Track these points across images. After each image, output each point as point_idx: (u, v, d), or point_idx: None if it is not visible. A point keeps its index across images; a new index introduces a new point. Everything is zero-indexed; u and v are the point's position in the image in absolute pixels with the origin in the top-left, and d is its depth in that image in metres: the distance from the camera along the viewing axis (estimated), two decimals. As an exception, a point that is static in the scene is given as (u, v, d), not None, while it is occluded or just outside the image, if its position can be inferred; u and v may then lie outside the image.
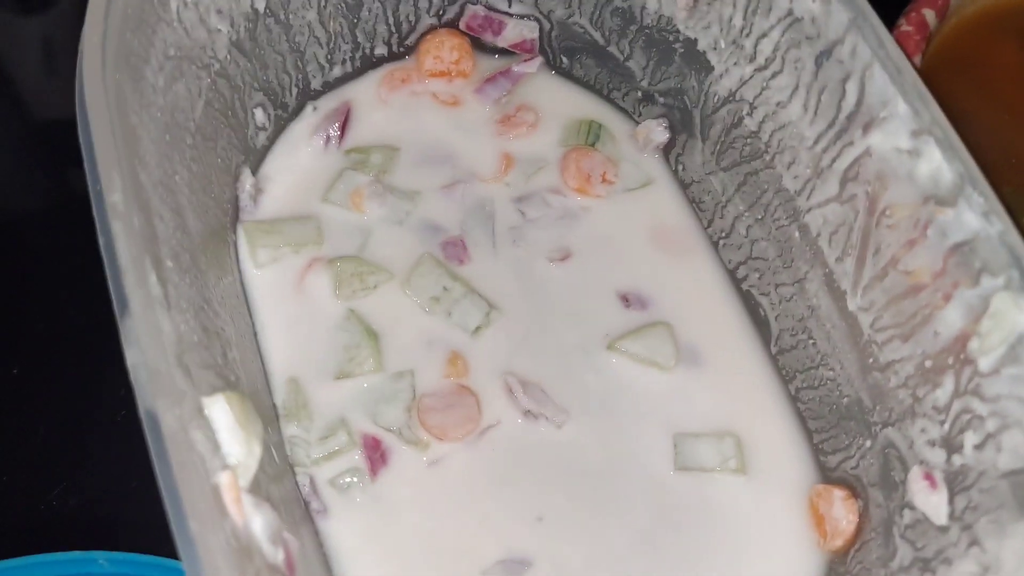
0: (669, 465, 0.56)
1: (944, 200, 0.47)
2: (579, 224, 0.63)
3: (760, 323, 0.60)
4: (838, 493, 0.54)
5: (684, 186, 0.65)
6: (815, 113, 0.53)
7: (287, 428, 0.53)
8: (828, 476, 0.56)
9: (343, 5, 0.61)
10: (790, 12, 0.53)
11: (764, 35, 0.55)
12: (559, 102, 0.67)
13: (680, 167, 0.65)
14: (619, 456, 0.56)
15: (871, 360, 0.52)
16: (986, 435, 0.46)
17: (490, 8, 0.65)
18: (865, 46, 0.49)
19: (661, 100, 0.64)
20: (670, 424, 0.57)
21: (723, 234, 0.62)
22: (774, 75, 0.55)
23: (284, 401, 0.54)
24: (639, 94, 0.65)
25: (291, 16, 0.59)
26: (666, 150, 0.65)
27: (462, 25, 0.66)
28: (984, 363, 0.46)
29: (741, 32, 0.56)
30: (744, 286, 0.61)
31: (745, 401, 0.59)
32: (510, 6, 0.65)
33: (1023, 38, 0.61)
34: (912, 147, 0.48)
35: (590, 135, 0.65)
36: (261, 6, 0.57)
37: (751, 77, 0.57)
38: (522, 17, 0.65)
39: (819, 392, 0.56)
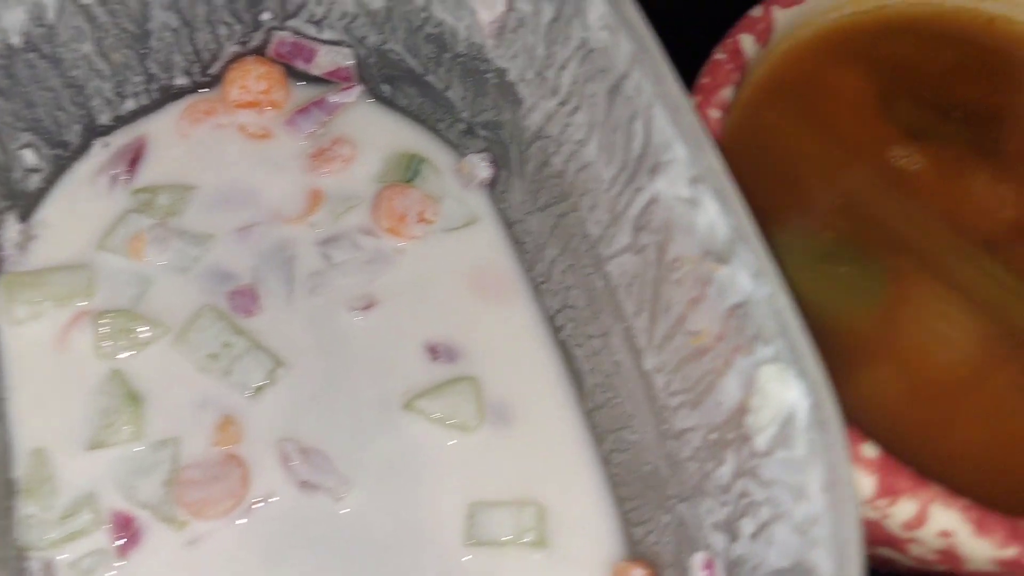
0: (461, 538, 0.50)
1: (721, 256, 0.41)
2: (390, 268, 0.57)
3: (576, 376, 0.54)
4: (637, 572, 0.48)
5: (508, 225, 0.59)
6: (610, 154, 0.47)
7: (25, 506, 0.47)
8: (635, 550, 0.50)
9: (126, 35, 0.55)
10: (584, 42, 0.47)
11: (564, 67, 0.49)
12: (380, 134, 0.61)
13: (505, 205, 0.59)
14: (408, 529, 0.50)
15: (665, 427, 0.46)
16: (761, 524, 0.40)
17: (298, 34, 0.59)
18: (647, 82, 0.43)
19: (483, 133, 0.58)
20: (468, 492, 0.51)
21: (542, 279, 0.56)
22: (574, 110, 0.49)
23: (25, 475, 0.48)
24: (463, 126, 0.59)
25: (60, 50, 0.53)
26: (492, 186, 0.59)
27: (270, 52, 0.60)
28: (759, 442, 0.40)
29: (545, 63, 0.51)
30: (561, 336, 0.55)
31: (554, 464, 0.53)
32: (320, 32, 0.59)
33: (866, 63, 0.54)
34: (691, 195, 0.42)
35: (409, 170, 0.59)
36: (17, 41, 0.51)
37: (555, 112, 0.51)
38: (334, 43, 0.59)
39: (626, 456, 0.50)
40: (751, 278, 0.40)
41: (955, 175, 0.52)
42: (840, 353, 0.46)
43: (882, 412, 0.46)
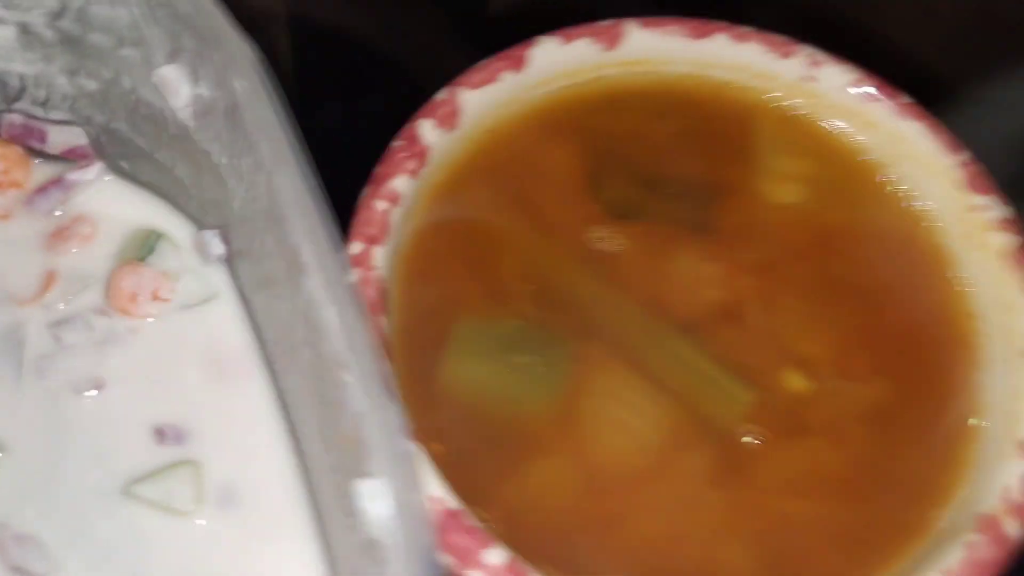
0: (175, 627, 0.49)
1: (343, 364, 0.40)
2: (121, 349, 0.56)
3: (303, 457, 0.53)
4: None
5: (246, 301, 0.57)
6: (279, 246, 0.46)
7: None
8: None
9: None
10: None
11: (244, 154, 0.48)
12: (120, 211, 0.59)
13: (241, 281, 0.57)
14: (113, 621, 0.49)
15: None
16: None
17: (28, 116, 0.58)
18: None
19: (212, 210, 0.57)
20: (187, 578, 0.50)
21: (273, 358, 0.55)
22: (254, 199, 0.48)
23: None
24: (196, 203, 0.58)
25: None
26: (231, 261, 0.58)
27: (3, 134, 0.58)
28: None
29: (232, 148, 0.49)
30: (291, 416, 0.54)
31: (279, 547, 0.52)
32: (47, 112, 0.58)
33: (579, 139, 0.53)
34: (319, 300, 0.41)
35: (144, 247, 0.58)
36: None
37: (247, 197, 0.50)
38: (63, 123, 0.58)
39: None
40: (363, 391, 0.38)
41: (660, 255, 0.51)
42: (514, 447, 0.46)
43: (555, 506, 0.45)
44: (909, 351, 0.50)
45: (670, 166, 0.53)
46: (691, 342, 0.49)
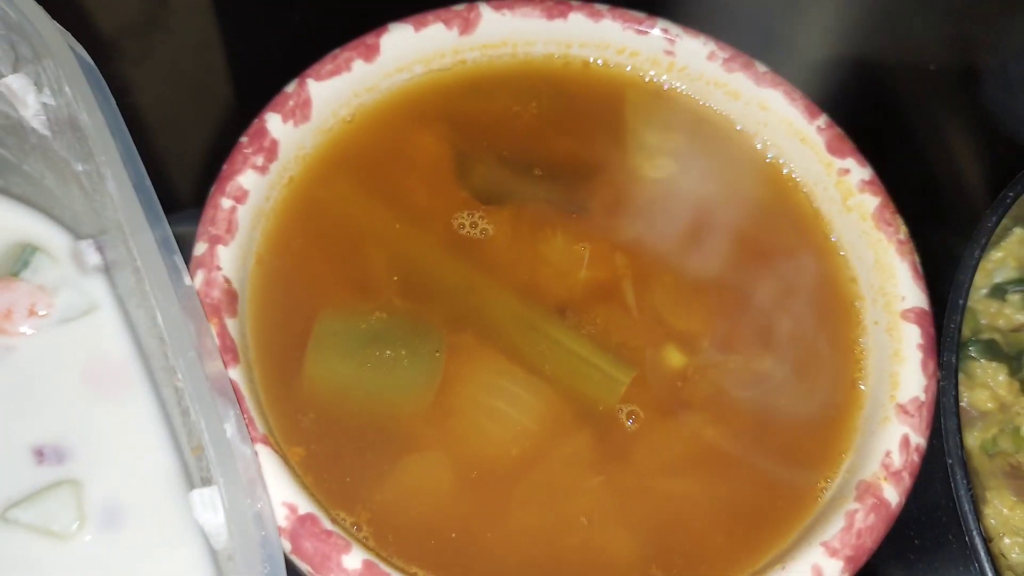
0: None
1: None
2: (-5, 370, 0.50)
3: (189, 470, 0.48)
4: None
5: (127, 312, 0.52)
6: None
7: None
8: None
9: None
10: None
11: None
12: (-5, 226, 0.54)
13: (120, 291, 0.52)
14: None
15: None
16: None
17: None
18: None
19: (85, 220, 0.51)
20: (68, 603, 0.45)
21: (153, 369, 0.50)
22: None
23: None
24: (69, 212, 0.53)
25: None
26: (111, 270, 0.53)
27: None
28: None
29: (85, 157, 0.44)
30: (175, 427, 0.49)
31: (166, 566, 0.46)
32: None
33: (445, 125, 0.48)
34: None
35: (18, 262, 0.52)
36: None
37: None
38: (-79, 141, 0.52)
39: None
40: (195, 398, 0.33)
41: (531, 238, 0.47)
42: (383, 444, 0.41)
43: (428, 503, 0.40)
44: (790, 319, 0.47)
45: (538, 147, 0.49)
46: (566, 324, 0.45)
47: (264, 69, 0.62)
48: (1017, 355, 0.55)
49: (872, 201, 0.47)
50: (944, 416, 0.44)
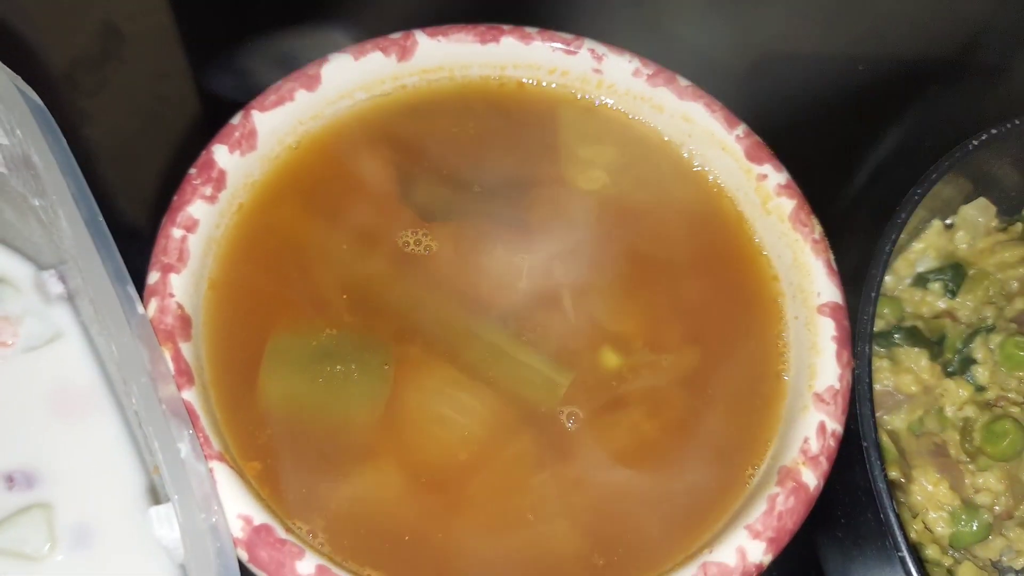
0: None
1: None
2: (-38, 400, 0.52)
3: (155, 490, 0.50)
4: None
5: (92, 338, 0.53)
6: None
7: None
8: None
9: None
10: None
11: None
12: (-47, 260, 0.55)
13: (84, 318, 0.53)
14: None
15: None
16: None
17: None
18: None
19: (48, 250, 0.53)
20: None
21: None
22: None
23: None
24: (30, 243, 0.54)
25: None
26: (74, 298, 0.54)
27: None
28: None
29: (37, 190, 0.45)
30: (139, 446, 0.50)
31: (137, 578, 0.48)
32: None
33: (388, 147, 0.50)
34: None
35: (-18, 295, 0.54)
36: None
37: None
38: None
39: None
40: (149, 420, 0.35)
41: (473, 252, 0.49)
42: (335, 455, 0.43)
43: (380, 508, 0.42)
44: (718, 317, 0.49)
45: (478, 165, 0.51)
46: (508, 333, 0.46)
47: (219, 98, 0.64)
48: (938, 340, 0.58)
49: (789, 204, 0.49)
50: (859, 402, 0.46)
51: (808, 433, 0.43)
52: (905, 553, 0.42)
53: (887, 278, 0.60)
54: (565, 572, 0.42)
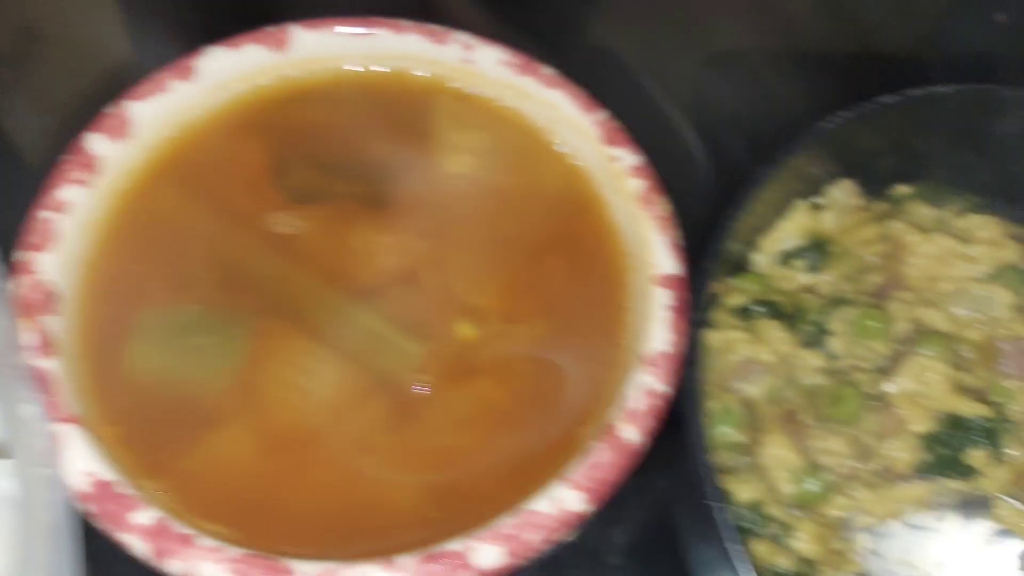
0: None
1: None
2: None
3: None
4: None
5: None
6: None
7: None
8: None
9: None
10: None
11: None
12: None
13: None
14: None
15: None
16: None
17: None
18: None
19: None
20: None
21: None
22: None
23: None
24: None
25: None
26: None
27: None
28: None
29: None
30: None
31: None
32: None
33: (267, 135, 0.53)
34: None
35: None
36: None
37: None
38: None
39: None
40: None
41: (339, 232, 0.52)
42: (192, 421, 0.46)
43: (232, 470, 0.46)
44: (570, 292, 0.52)
45: (350, 150, 0.54)
46: (366, 307, 0.49)
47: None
48: (799, 314, 0.60)
49: (640, 184, 0.51)
50: (690, 369, 0.49)
51: (635, 392, 0.46)
52: (710, 501, 0.44)
53: (757, 256, 0.63)
54: (401, 524, 0.45)
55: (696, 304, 0.49)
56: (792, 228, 0.61)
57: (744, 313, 0.59)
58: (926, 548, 0.56)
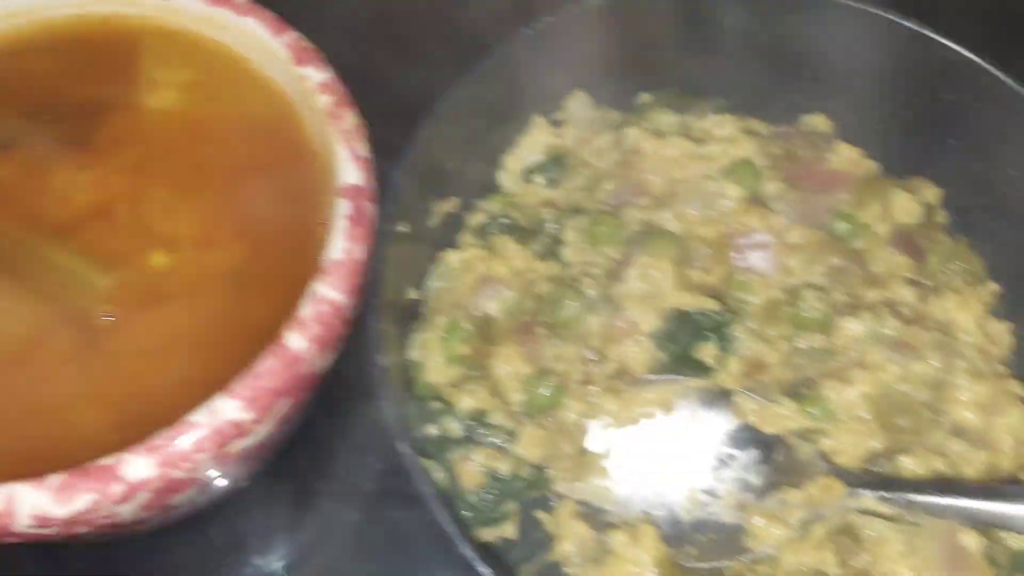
0: None
1: None
2: None
3: None
4: None
5: None
6: None
7: None
8: None
9: None
10: None
11: None
12: None
13: None
14: None
15: None
16: None
17: None
18: None
19: None
20: None
21: None
22: None
23: None
24: None
25: None
26: None
27: None
28: None
29: None
30: None
31: None
32: None
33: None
34: None
35: None
36: None
37: None
38: None
39: None
40: None
41: (36, 174, 0.52)
42: None
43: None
44: (269, 212, 0.52)
45: (55, 96, 0.54)
46: (57, 244, 0.50)
47: None
48: (539, 227, 0.60)
49: (326, 99, 0.51)
50: (372, 278, 0.49)
51: (307, 301, 0.46)
52: (385, 409, 0.44)
53: (502, 175, 0.63)
54: (86, 449, 0.44)
55: (385, 216, 0.49)
56: (532, 144, 0.62)
57: (480, 231, 0.59)
58: (669, 447, 0.57)
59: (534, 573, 0.55)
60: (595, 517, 0.56)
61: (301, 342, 0.45)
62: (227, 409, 0.43)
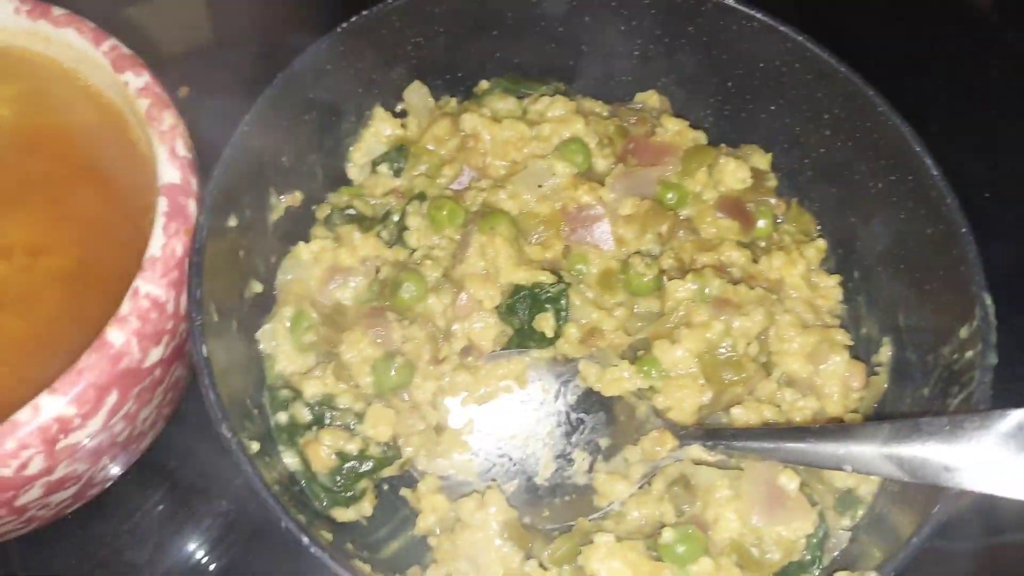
0: None
1: None
2: None
3: None
4: None
5: None
6: None
7: None
8: None
9: None
10: None
11: None
12: None
13: None
14: None
15: None
16: None
17: None
18: None
19: None
20: None
21: None
22: None
23: None
24: None
25: None
26: None
27: None
28: None
29: None
30: None
31: None
32: None
33: None
34: None
35: None
36: None
37: None
38: None
39: None
40: None
41: None
42: None
43: None
44: (102, 217, 0.53)
45: None
46: None
47: None
48: (385, 216, 0.62)
49: (145, 102, 0.53)
50: (190, 271, 0.50)
51: (127, 299, 0.47)
52: (209, 393, 0.46)
53: (351, 167, 0.64)
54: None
55: (203, 212, 0.50)
56: (376, 136, 0.63)
57: (326, 223, 0.61)
58: (526, 418, 0.59)
59: (399, 548, 0.57)
60: (456, 490, 0.58)
61: (121, 337, 0.46)
62: (52, 406, 0.44)
